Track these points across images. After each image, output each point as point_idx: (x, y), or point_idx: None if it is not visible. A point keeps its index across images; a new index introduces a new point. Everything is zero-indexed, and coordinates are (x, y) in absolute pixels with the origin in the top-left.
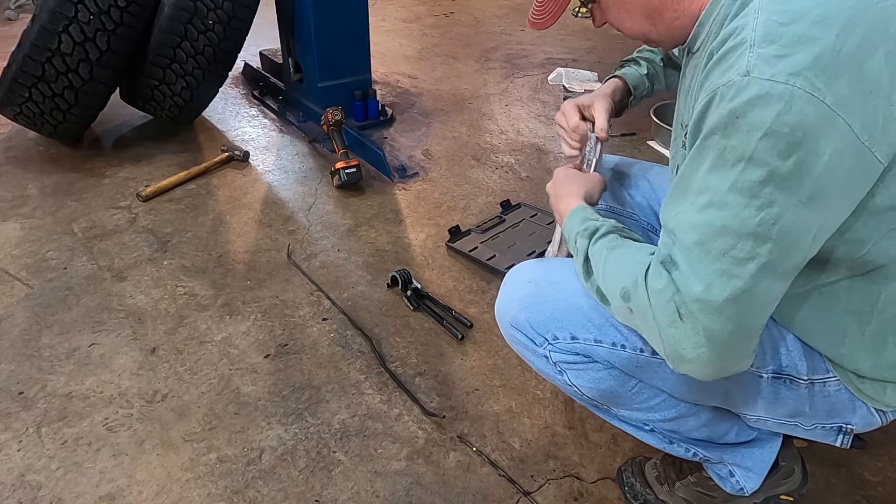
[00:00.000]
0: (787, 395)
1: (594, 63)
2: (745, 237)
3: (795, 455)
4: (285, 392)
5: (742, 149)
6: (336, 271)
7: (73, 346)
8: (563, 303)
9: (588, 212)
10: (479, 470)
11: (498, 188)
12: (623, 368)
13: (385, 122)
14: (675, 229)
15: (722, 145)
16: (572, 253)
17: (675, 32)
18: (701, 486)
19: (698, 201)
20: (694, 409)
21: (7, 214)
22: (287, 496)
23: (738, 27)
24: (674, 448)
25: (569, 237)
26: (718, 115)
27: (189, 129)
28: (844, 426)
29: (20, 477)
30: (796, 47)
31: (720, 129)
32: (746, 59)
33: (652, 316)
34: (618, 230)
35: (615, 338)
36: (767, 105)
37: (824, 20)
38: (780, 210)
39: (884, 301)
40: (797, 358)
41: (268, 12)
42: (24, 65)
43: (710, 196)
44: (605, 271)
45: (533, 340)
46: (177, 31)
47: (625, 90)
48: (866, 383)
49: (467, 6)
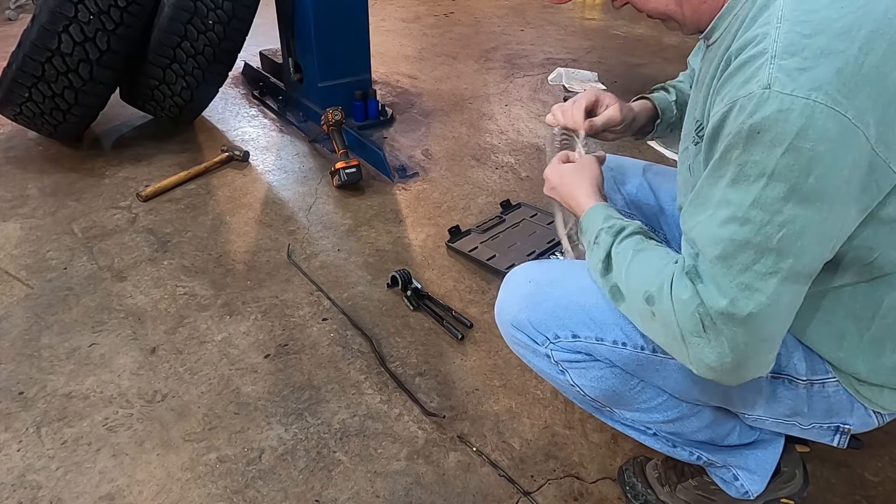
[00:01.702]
0: (785, 394)
1: (594, 63)
2: (768, 252)
3: (797, 459)
4: (285, 392)
5: (764, 164)
6: (336, 271)
7: (73, 346)
8: (564, 301)
9: (611, 209)
10: (479, 470)
11: (498, 188)
12: (625, 367)
13: (385, 122)
14: (696, 240)
15: (743, 160)
16: (586, 247)
17: (700, 16)
18: (702, 489)
19: (720, 215)
20: (696, 409)
21: (7, 214)
22: (287, 496)
23: (759, 35)
24: (677, 452)
25: (588, 231)
26: (739, 129)
27: (189, 129)
28: (842, 426)
29: (20, 477)
30: (818, 60)
31: (741, 144)
32: (768, 72)
33: (676, 324)
34: (643, 231)
35: (616, 335)
36: (788, 120)
37: (847, 32)
38: (802, 225)
39: (886, 307)
40: (797, 359)
41: (268, 12)
42: (24, 65)
43: (733, 210)
44: (628, 272)
45: (534, 340)
46: (177, 31)
47: (652, 112)
48: (864, 386)
49: (467, 6)
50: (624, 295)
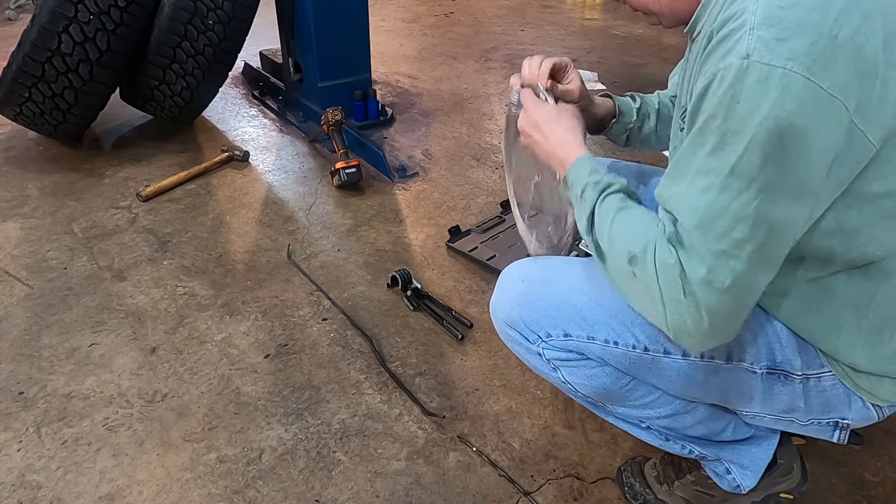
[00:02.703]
0: (781, 390)
1: (594, 63)
2: (745, 219)
3: (794, 453)
4: (285, 392)
5: (742, 133)
6: (336, 271)
7: (73, 346)
8: (557, 300)
9: (594, 162)
10: (479, 470)
11: (498, 188)
12: (616, 365)
13: (385, 122)
14: (675, 209)
15: (723, 129)
16: (573, 202)
17: (676, 6)
18: (700, 484)
19: (698, 184)
20: (690, 406)
21: (7, 214)
22: (287, 496)
23: (738, 10)
24: (670, 445)
25: (574, 185)
26: (719, 99)
27: (189, 129)
28: (840, 421)
29: (20, 477)
30: (795, 31)
31: (721, 113)
32: (746, 42)
33: (658, 288)
34: (626, 190)
35: (608, 335)
36: (767, 90)
37: (823, 5)
38: (778, 192)
39: (881, 296)
40: (791, 353)
41: (268, 12)
42: (24, 65)
43: (711, 179)
44: (611, 231)
45: (527, 338)
46: (177, 31)
47: (611, 110)
48: (862, 377)
49: (467, 6)
50: (605, 253)
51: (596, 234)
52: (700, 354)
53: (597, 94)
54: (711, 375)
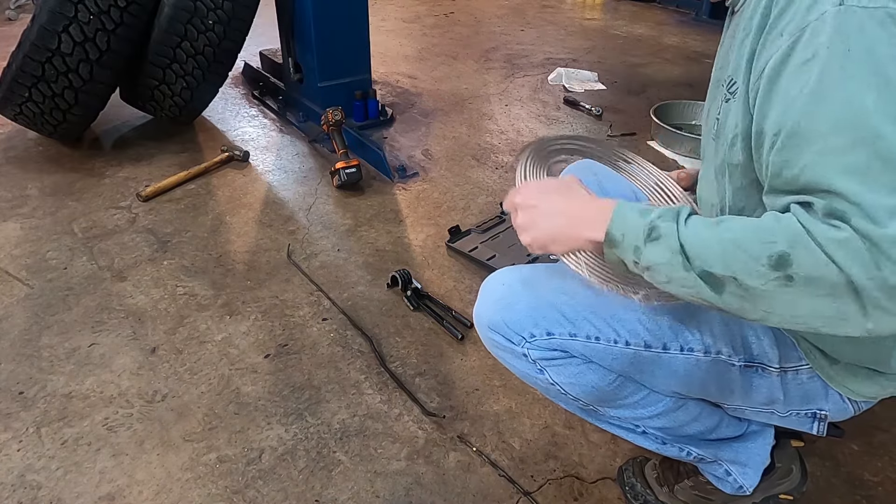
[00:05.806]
0: (760, 382)
1: (594, 63)
2: None
3: (793, 454)
4: (285, 392)
5: (869, 78)
6: (336, 271)
7: (73, 346)
8: (536, 300)
9: (634, 204)
10: (479, 470)
11: (498, 188)
12: (600, 362)
13: (385, 122)
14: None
15: (845, 79)
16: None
17: None
18: (699, 489)
19: (837, 143)
20: (680, 403)
21: (7, 214)
22: (287, 496)
23: None
24: (667, 449)
25: (629, 235)
26: (827, 52)
27: (189, 129)
28: (818, 412)
29: (20, 477)
30: None
31: (837, 64)
32: None
33: (838, 271)
34: (693, 210)
35: (589, 331)
36: (875, 31)
37: None
38: None
39: None
40: (767, 346)
41: (268, 12)
42: (24, 65)
43: (853, 134)
44: (724, 249)
45: (510, 340)
46: (177, 31)
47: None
48: (837, 367)
49: (467, 6)
50: (722, 279)
51: (700, 264)
52: (679, 347)
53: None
54: (692, 369)
